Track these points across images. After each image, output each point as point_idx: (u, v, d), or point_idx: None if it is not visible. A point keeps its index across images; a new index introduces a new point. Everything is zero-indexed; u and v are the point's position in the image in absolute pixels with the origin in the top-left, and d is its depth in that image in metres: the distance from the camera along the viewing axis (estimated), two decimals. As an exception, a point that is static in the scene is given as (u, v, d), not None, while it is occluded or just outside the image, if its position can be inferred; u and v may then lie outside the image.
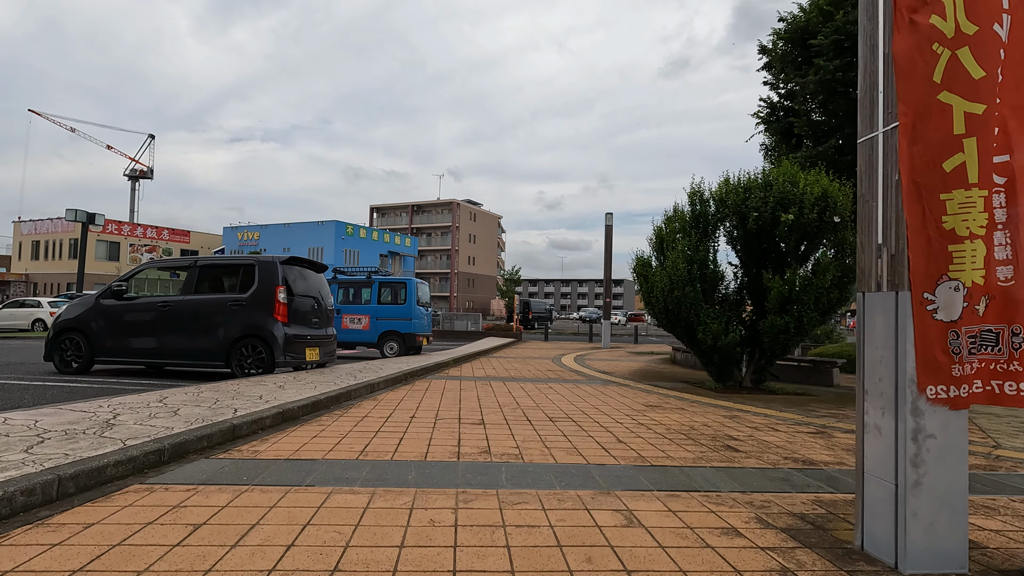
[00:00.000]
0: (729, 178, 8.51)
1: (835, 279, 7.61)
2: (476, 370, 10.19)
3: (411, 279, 12.76)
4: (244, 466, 3.30)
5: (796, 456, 4.06)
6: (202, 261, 7.52)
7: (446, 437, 4.29)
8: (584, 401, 6.62)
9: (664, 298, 8.56)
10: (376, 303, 12.63)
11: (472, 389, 7.35)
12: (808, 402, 7.33)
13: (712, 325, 8.11)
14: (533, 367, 11.18)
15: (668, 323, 8.87)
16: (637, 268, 9.51)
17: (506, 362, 12.27)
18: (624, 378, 9.66)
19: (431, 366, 9.74)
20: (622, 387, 8.34)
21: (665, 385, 8.78)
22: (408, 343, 12.50)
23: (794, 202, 7.41)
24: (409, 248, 57.22)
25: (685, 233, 8.87)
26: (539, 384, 8.26)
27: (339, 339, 12.57)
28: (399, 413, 5.30)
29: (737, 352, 8.34)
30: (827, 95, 11.98)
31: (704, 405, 6.65)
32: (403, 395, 6.55)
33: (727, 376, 8.67)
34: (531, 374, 9.81)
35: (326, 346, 8.11)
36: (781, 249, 7.94)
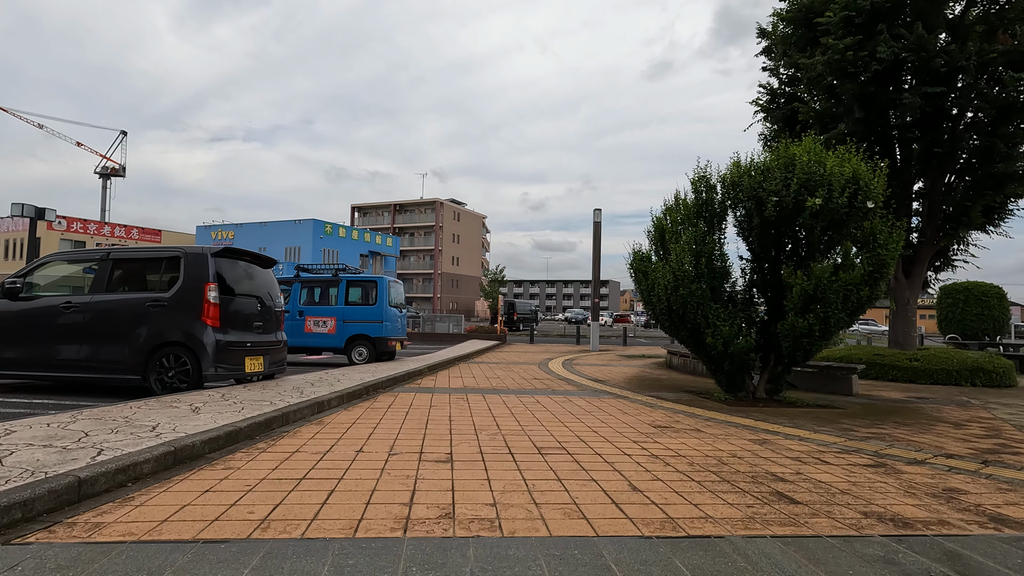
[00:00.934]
0: (739, 160, 7.46)
1: (866, 274, 6.59)
2: (453, 379, 9.01)
3: (382, 277, 11.53)
4: (45, 566, 2.08)
5: (877, 511, 2.96)
6: (116, 253, 6.21)
7: (396, 487, 3.11)
8: (579, 421, 5.49)
9: (668, 297, 7.47)
10: (343, 304, 11.37)
11: (445, 406, 6.17)
12: (837, 417, 6.29)
13: (723, 328, 7.05)
14: (518, 375, 10.03)
15: (671, 325, 7.79)
16: (635, 264, 8.42)
17: (488, 369, 11.10)
18: (620, 388, 8.55)
19: (401, 375, 8.53)
20: (620, 399, 7.22)
21: (668, 397, 7.69)
22: (379, 348, 11.27)
23: (821, 184, 6.37)
24: (391, 248, 55.74)
25: (690, 223, 7.80)
26: (524, 397, 7.10)
27: (302, 344, 11.30)
28: (344, 445, 4.10)
29: (751, 359, 7.29)
30: (837, 76, 11.02)
31: (721, 424, 5.55)
32: (358, 415, 5.35)
33: (738, 385, 7.61)
34: (515, 384, 8.65)
35: (274, 354, 6.87)
36: (802, 240, 6.89)
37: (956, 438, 5.19)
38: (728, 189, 7.49)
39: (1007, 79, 9.63)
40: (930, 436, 5.25)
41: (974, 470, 3.95)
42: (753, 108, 14.45)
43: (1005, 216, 11.75)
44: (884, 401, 7.91)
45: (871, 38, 10.55)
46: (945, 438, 5.19)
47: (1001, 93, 9.94)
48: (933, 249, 11.86)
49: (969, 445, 4.87)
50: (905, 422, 6.09)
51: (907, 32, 10.22)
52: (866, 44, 10.57)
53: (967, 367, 10.49)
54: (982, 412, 7.05)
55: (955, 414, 6.81)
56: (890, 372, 10.89)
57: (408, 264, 69.84)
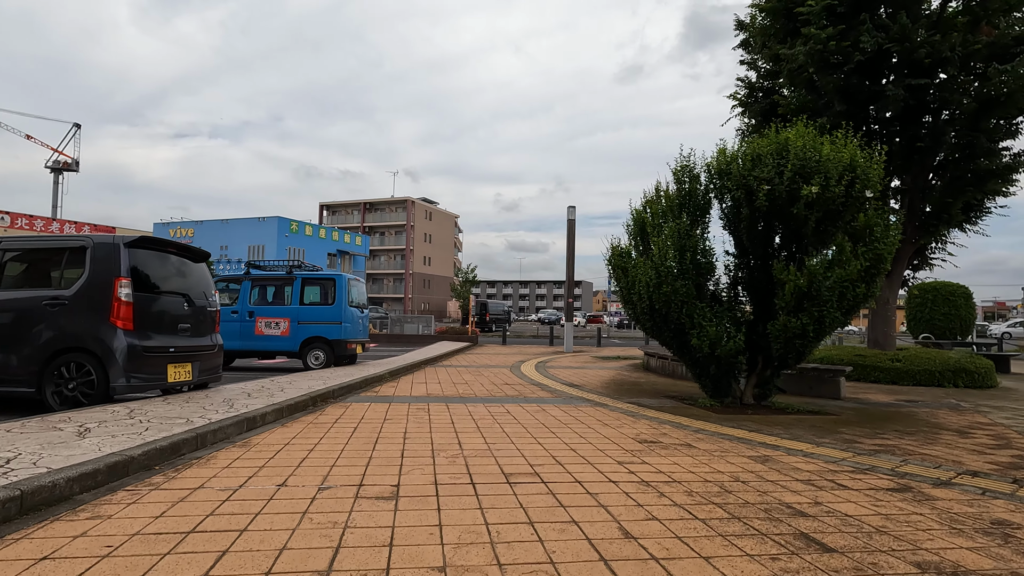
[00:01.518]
0: (727, 147, 6.90)
1: (863, 270, 6.09)
2: (416, 386, 8.23)
3: (340, 275, 10.65)
4: None
5: (931, 559, 2.34)
6: (7, 243, 5.23)
7: (315, 543, 2.35)
8: (554, 436, 4.79)
9: (649, 295, 6.86)
10: (298, 304, 10.45)
11: (401, 419, 5.40)
12: (834, 426, 5.76)
13: (709, 329, 6.47)
14: (488, 379, 9.31)
15: (653, 326, 7.19)
16: (614, 260, 7.80)
17: (456, 372, 10.34)
18: (598, 393, 7.91)
19: (358, 382, 7.71)
20: (599, 407, 6.57)
21: (651, 404, 7.07)
22: (338, 351, 10.39)
23: (817, 171, 5.83)
24: (360, 247, 54.29)
25: (672, 216, 7.21)
26: (493, 407, 6.38)
27: (252, 347, 10.35)
28: (264, 477, 3.31)
29: (739, 362, 6.74)
30: (819, 68, 10.64)
31: (713, 437, 4.94)
32: (295, 433, 4.54)
33: (725, 390, 7.05)
34: (484, 390, 7.93)
35: (206, 361, 5.98)
36: (795, 233, 6.36)
37: (969, 450, 4.70)
38: (714, 178, 6.92)
39: (991, 72, 9.38)
40: (941, 448, 4.74)
41: (1010, 492, 3.41)
42: (731, 102, 14.08)
43: (982, 214, 11.59)
44: (875, 405, 7.47)
45: (853, 28, 10.20)
46: (957, 450, 4.69)
47: (984, 87, 9.69)
48: (912, 247, 11.61)
49: (987, 459, 4.36)
50: (906, 430, 5.60)
51: (891, 22, 9.90)
52: (848, 34, 10.21)
53: (949, 368, 10.22)
54: (979, 417, 6.65)
55: (953, 420, 6.38)
56: (872, 373, 10.55)
57: (378, 264, 68.29)
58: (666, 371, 11.24)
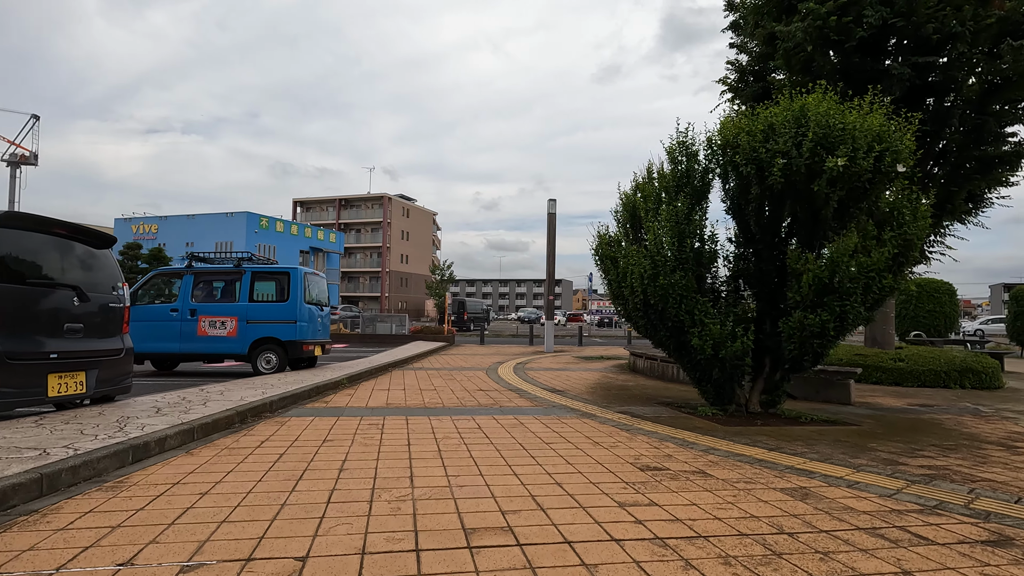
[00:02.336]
0: (730, 118, 6.02)
1: (891, 258, 5.27)
2: (376, 393, 7.18)
3: (296, 268, 9.52)
4: None
5: None
6: None
7: None
8: (533, 462, 3.82)
9: (643, 289, 5.96)
10: (247, 300, 9.29)
11: (345, 441, 4.37)
12: (860, 439, 4.92)
13: (712, 327, 5.60)
14: (460, 384, 8.31)
15: (647, 324, 6.28)
16: (601, 249, 6.88)
17: (426, 376, 9.32)
18: (584, 400, 6.97)
19: (306, 390, 6.64)
20: (586, 419, 5.62)
21: (645, 413, 6.16)
22: (292, 353, 9.26)
23: (843, 141, 4.97)
24: (334, 244, 52.66)
25: (669, 198, 6.32)
26: (462, 420, 5.39)
27: (193, 350, 9.17)
28: (107, 548, 2.26)
29: (746, 364, 5.87)
30: (818, 45, 9.88)
31: (729, 459, 4.03)
32: (196, 466, 3.49)
33: (728, 397, 6.18)
34: (455, 398, 6.92)
35: (108, 368, 4.86)
36: (813, 216, 5.50)
37: (1037, 472, 3.88)
38: (716, 154, 6.03)
39: (1003, 49, 8.71)
40: (999, 470, 3.91)
41: None
42: (720, 87, 13.32)
43: (985, 205, 11.00)
44: (891, 412, 6.68)
45: (855, 2, 9.46)
46: (1021, 472, 3.86)
47: (992, 67, 9.03)
48: (913, 240, 10.95)
49: (1067, 486, 3.54)
50: (944, 445, 4.79)
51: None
52: (850, 9, 9.46)
53: (955, 368, 9.57)
54: (1010, 425, 5.89)
55: (986, 429, 5.61)
56: (874, 374, 9.84)
57: (354, 262, 66.55)
58: (655, 373, 10.38)
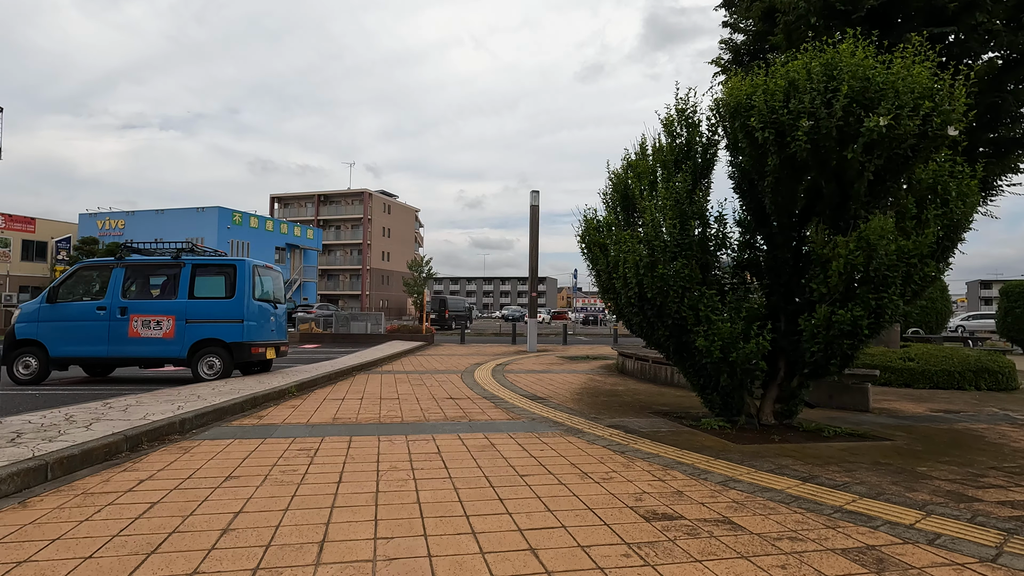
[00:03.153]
0: (741, 76, 5.10)
1: (935, 241, 4.40)
2: (327, 404, 6.15)
3: (244, 260, 8.41)
4: None
5: None
6: None
7: None
8: (500, 510, 2.85)
9: (638, 280, 5.03)
10: (187, 297, 8.16)
11: (253, 479, 3.35)
12: (905, 462, 4.04)
13: (721, 325, 4.70)
14: (428, 391, 7.31)
15: (643, 322, 5.35)
16: (588, 236, 5.95)
17: (392, 382, 8.29)
18: (569, 410, 6.02)
19: (240, 402, 5.59)
20: (572, 437, 4.67)
21: (641, 427, 5.22)
22: (239, 356, 8.16)
23: (885, 96, 4.07)
24: (312, 241, 51.06)
25: (668, 174, 5.40)
26: (420, 442, 4.39)
27: (123, 354, 8.04)
28: None
29: (759, 369, 4.97)
30: (822, 18, 9.07)
31: (757, 496, 3.10)
32: (12, 530, 2.46)
33: (736, 406, 5.28)
34: (416, 411, 5.92)
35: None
36: (842, 191, 4.60)
37: None
38: (724, 121, 5.11)
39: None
40: (1103, 507, 3.04)
41: None
42: (713, 69, 12.48)
43: (996, 193, 10.30)
44: (918, 421, 5.85)
45: (865, -31, 8.67)
46: None
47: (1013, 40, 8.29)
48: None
49: None
50: (1005, 467, 3.94)
51: (909, -40, 8.39)
52: (859, -27, 8.67)
53: (970, 368, 8.83)
54: (1062, 437, 5.08)
55: (1040, 444, 4.78)
56: (882, 375, 9.05)
57: (334, 259, 64.90)
58: (646, 375, 9.49)
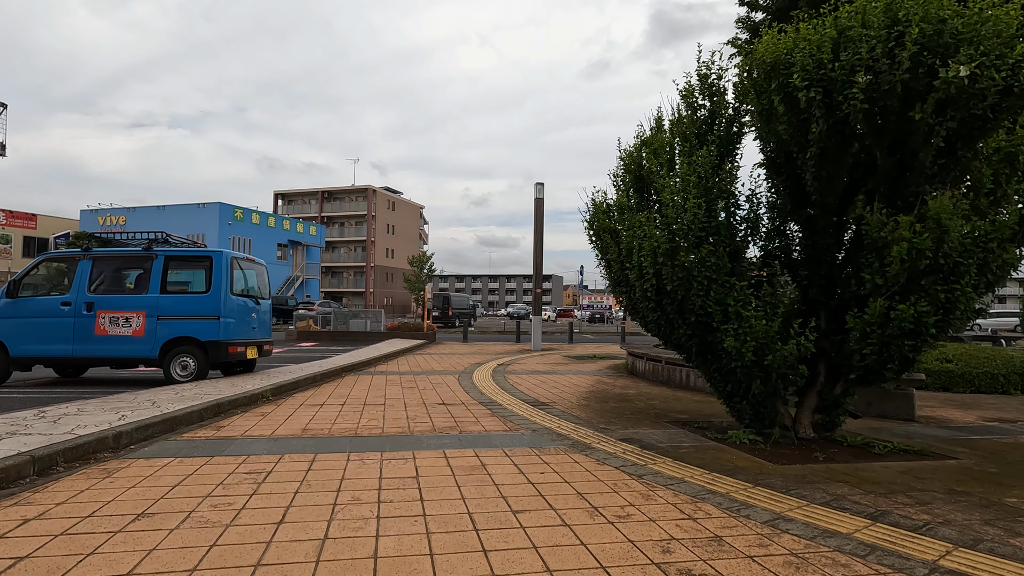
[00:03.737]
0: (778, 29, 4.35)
1: (1018, 221, 3.66)
2: (301, 412, 5.47)
3: (222, 252, 7.75)
4: None
5: None
6: None
7: None
8: (484, 570, 2.15)
9: (656, 270, 4.33)
10: (159, 292, 7.50)
11: (174, 515, 2.67)
12: (986, 488, 3.31)
13: (755, 322, 3.99)
14: (419, 395, 6.62)
15: (661, 319, 4.64)
16: (597, 221, 5.25)
17: (382, 384, 7.61)
18: (575, 419, 5.31)
19: (200, 410, 4.91)
20: (579, 455, 3.96)
21: (659, 441, 4.50)
22: (215, 356, 7.50)
23: (965, 41, 3.32)
24: (315, 237, 50.54)
25: (690, 147, 4.68)
26: (395, 462, 3.70)
27: (92, 353, 7.42)
28: None
29: (799, 374, 4.24)
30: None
31: (818, 542, 2.38)
32: None
33: (769, 417, 4.56)
34: (401, 420, 5.23)
35: None
36: (902, 160, 3.85)
37: None
38: (760, 81, 4.37)
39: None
40: None
41: None
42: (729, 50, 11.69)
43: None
44: (974, 432, 5.10)
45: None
46: None
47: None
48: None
49: None
50: (1113, 497, 3.19)
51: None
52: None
53: (1015, 370, 8.06)
54: None
55: None
56: (917, 377, 8.29)
57: (338, 256, 64.38)
58: (659, 377, 8.76)
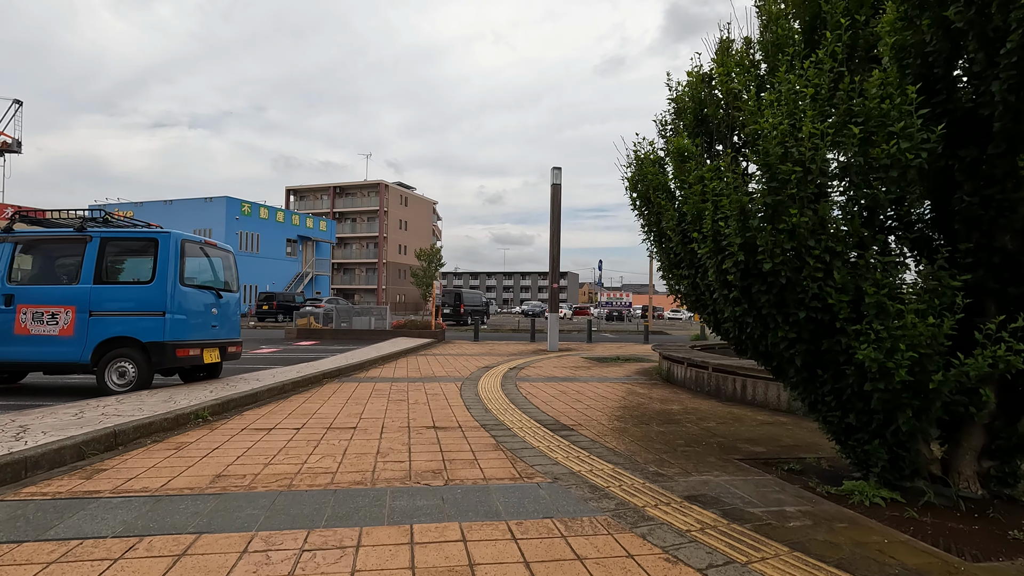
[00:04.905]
0: None
1: None
2: (234, 443, 4.04)
3: (169, 233, 6.37)
4: None
5: None
6: None
7: None
8: None
9: (743, 242, 2.79)
10: (92, 282, 6.15)
11: None
12: None
13: (913, 320, 2.41)
14: (406, 413, 5.15)
15: (746, 319, 3.10)
16: (644, 173, 3.73)
17: (365, 396, 6.17)
18: (614, 456, 3.77)
19: (72, 445, 3.50)
20: (627, 532, 2.44)
21: (747, 501, 2.95)
22: (161, 361, 6.11)
23: None
24: (325, 232, 49.53)
25: (796, 52, 3.15)
26: (326, 555, 2.22)
27: (9, 357, 6.10)
28: None
29: (986, 405, 2.67)
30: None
31: None
32: None
33: (910, 463, 3.00)
34: (364, 460, 3.76)
35: None
36: None
37: None
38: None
39: None
40: None
41: None
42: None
43: None
44: None
45: None
46: None
47: None
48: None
49: None
50: None
51: None
52: None
53: None
54: None
55: None
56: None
57: (349, 252, 63.42)
58: (704, 387, 7.18)
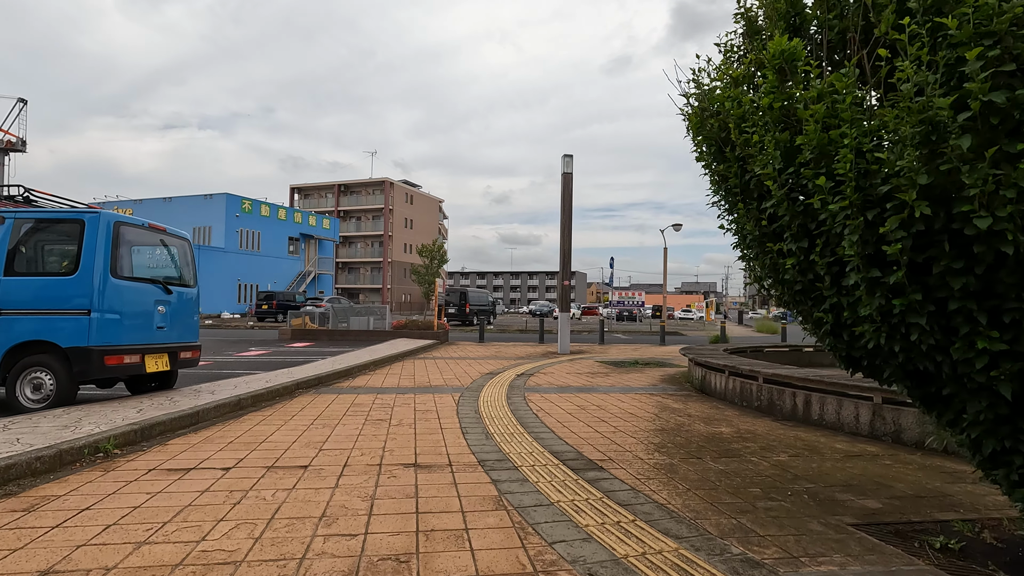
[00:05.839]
0: None
1: None
2: (119, 499, 2.84)
3: (99, 213, 5.21)
4: None
5: None
6: None
7: None
8: None
9: (931, 179, 1.48)
10: (1, 273, 4.99)
11: None
12: None
13: None
14: (381, 444, 3.95)
15: (922, 316, 1.82)
16: (717, 100, 2.44)
17: (337, 415, 4.98)
18: (669, 521, 2.53)
19: None
20: None
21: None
22: (85, 371, 4.94)
23: None
24: (328, 231, 48.52)
25: None
26: None
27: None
28: None
29: None
30: None
31: None
32: None
33: None
34: (292, 542, 2.54)
35: None
36: None
37: None
38: None
39: None
40: None
41: None
42: None
43: None
44: None
45: None
46: None
47: None
48: None
49: None
50: None
51: None
52: None
53: None
54: None
55: None
56: None
57: (354, 251, 62.43)
58: (752, 401, 5.91)
